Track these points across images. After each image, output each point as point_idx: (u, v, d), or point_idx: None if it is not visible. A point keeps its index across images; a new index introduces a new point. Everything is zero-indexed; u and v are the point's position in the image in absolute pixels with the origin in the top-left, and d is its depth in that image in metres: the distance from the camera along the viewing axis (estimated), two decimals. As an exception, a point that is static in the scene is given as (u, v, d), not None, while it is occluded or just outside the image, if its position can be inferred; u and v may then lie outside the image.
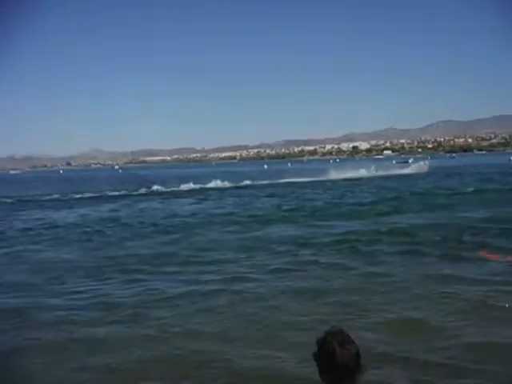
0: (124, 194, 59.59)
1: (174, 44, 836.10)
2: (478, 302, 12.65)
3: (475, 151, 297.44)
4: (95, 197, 57.49)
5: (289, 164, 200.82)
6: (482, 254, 21.42)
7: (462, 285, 14.47)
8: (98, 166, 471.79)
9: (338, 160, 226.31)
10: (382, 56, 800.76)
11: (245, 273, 17.03)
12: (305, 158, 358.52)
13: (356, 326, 10.90)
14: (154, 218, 34.79)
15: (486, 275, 15.94)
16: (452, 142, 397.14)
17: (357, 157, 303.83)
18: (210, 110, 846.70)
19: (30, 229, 30.82)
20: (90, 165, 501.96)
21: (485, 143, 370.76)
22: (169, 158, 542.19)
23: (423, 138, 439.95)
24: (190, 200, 49.15)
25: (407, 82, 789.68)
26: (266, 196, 50.83)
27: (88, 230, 29.61)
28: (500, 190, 45.91)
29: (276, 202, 43.49)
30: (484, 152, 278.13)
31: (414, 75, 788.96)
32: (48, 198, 57.99)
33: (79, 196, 58.97)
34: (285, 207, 38.41)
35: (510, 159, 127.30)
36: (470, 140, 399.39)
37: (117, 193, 61.47)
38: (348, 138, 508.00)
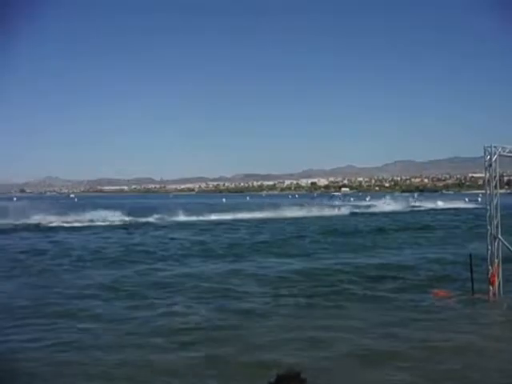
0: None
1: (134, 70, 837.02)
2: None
3: (444, 191, 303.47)
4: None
5: (247, 198, 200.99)
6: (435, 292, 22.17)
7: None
8: (54, 193, 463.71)
9: (296, 196, 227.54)
10: (342, 96, 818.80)
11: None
12: (263, 193, 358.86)
13: None
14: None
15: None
16: (408, 182, 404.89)
17: (315, 193, 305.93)
18: (170, 141, 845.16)
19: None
20: (45, 192, 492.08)
21: (440, 184, 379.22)
22: (126, 188, 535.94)
23: (381, 177, 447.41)
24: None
25: (366, 121, 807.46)
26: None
27: None
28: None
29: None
30: (452, 192, 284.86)
31: (372, 115, 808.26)
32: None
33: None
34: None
35: (464, 200, 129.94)
36: (426, 180, 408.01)
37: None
38: (307, 174, 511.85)
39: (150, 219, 68.09)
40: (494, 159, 21.63)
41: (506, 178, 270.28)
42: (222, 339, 15.23)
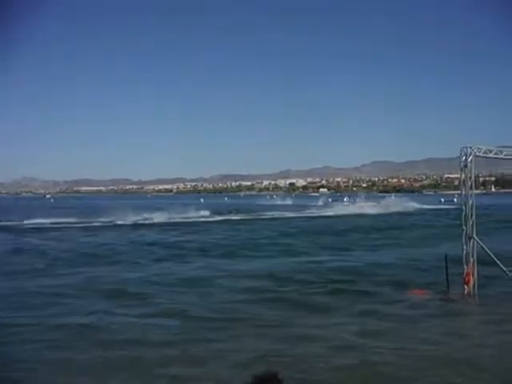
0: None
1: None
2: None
3: (424, 192, 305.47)
4: None
5: (226, 198, 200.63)
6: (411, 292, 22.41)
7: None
8: (29, 194, 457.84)
9: (274, 196, 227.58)
10: (319, 97, 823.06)
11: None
12: (242, 193, 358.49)
13: None
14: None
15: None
16: (386, 182, 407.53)
17: (293, 193, 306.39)
18: (147, 142, 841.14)
19: None
20: (21, 193, 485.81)
21: (417, 184, 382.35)
22: (103, 189, 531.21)
23: (358, 177, 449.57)
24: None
25: (343, 121, 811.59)
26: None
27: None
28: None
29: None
30: (432, 192, 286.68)
31: (350, 116, 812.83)
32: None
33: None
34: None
35: (440, 201, 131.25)
36: (402, 181, 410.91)
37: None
38: (285, 175, 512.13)
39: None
40: (469, 160, 21.93)
41: (481, 179, 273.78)
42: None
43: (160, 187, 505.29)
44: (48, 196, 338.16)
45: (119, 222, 65.59)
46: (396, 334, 15.92)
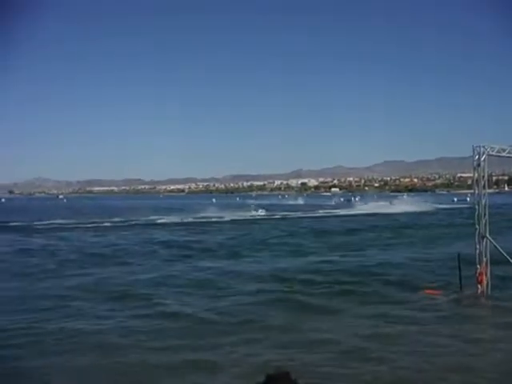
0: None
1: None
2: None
3: (437, 191, 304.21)
4: None
5: (237, 198, 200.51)
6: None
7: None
8: (42, 194, 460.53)
9: (286, 196, 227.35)
10: (331, 97, 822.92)
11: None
12: (253, 193, 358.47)
13: None
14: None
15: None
16: (398, 182, 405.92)
17: (305, 193, 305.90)
18: (160, 142, 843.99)
19: None
20: (34, 193, 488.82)
21: (429, 183, 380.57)
22: (116, 189, 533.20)
23: (370, 177, 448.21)
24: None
25: (355, 121, 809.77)
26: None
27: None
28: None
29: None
30: (445, 192, 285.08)
31: (362, 116, 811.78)
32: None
33: None
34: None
35: (453, 200, 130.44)
36: (415, 180, 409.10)
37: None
38: (297, 175, 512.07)
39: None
40: (482, 159, 21.62)
41: (494, 178, 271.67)
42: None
43: (172, 187, 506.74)
44: (61, 196, 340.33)
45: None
46: (405, 338, 15.60)
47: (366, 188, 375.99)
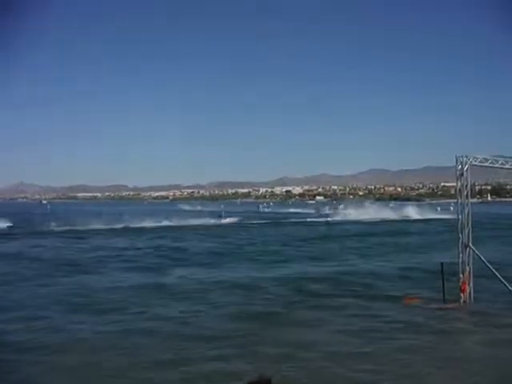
0: None
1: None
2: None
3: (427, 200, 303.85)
4: None
5: (222, 206, 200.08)
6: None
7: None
8: (25, 200, 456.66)
9: (271, 203, 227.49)
10: (317, 103, 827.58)
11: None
12: (238, 201, 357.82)
13: None
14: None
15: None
16: (382, 190, 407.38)
17: (290, 201, 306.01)
18: (144, 149, 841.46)
19: None
20: (17, 199, 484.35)
21: (413, 193, 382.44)
22: (99, 195, 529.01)
23: (355, 185, 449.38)
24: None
25: (340, 129, 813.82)
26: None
27: None
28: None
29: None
30: (429, 201, 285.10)
31: (346, 124, 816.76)
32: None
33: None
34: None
35: (436, 209, 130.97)
36: (399, 189, 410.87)
37: None
38: (281, 182, 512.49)
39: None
40: (465, 168, 21.90)
41: (477, 188, 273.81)
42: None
43: (156, 194, 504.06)
44: (44, 202, 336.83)
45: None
46: (376, 354, 15.23)
47: (351, 196, 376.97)
